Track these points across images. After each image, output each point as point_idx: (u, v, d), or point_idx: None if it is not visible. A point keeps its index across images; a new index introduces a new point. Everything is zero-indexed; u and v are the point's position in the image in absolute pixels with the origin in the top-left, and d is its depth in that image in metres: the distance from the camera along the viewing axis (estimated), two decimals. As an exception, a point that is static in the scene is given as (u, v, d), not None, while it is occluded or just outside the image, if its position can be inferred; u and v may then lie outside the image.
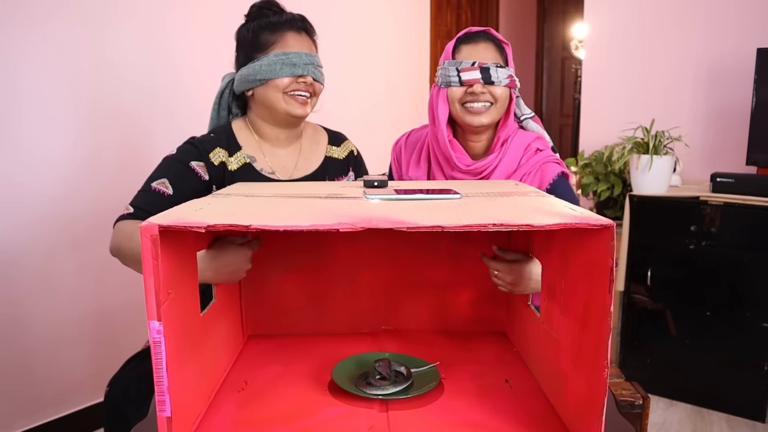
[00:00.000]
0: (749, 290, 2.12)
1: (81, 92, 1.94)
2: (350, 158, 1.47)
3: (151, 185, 1.23)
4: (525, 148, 1.34)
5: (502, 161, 1.33)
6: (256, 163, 1.33)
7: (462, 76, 1.28)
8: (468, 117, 1.30)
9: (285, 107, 1.28)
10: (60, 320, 1.94)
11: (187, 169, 1.26)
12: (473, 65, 1.28)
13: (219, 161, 1.28)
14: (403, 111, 3.52)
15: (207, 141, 1.30)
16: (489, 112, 1.30)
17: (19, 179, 1.82)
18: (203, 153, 1.28)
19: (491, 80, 1.27)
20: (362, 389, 0.91)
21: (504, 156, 1.33)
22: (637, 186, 2.35)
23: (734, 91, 2.55)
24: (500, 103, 1.30)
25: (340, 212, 0.76)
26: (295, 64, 1.26)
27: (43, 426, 1.92)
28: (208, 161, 1.27)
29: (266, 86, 1.27)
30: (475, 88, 1.27)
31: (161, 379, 0.70)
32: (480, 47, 1.30)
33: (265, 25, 1.29)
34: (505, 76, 1.28)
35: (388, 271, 1.21)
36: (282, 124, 1.34)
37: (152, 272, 0.68)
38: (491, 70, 1.27)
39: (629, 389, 1.24)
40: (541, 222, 0.69)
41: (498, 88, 1.28)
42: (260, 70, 1.26)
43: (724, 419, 2.17)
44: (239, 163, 1.31)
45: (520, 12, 5.44)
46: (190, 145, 1.29)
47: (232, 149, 1.31)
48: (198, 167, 1.26)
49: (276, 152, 1.36)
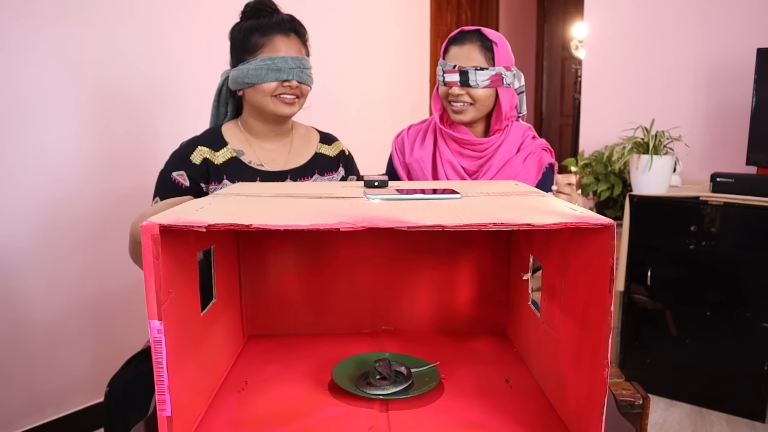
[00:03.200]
0: (749, 290, 2.12)
1: (85, 92, 1.94)
2: (341, 156, 1.50)
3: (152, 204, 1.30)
4: (523, 133, 1.49)
5: (505, 141, 1.46)
6: (243, 156, 1.36)
7: (445, 77, 1.41)
8: (452, 114, 1.44)
9: (273, 108, 1.33)
10: (60, 320, 1.94)
11: (170, 182, 1.31)
12: (454, 68, 1.39)
13: (201, 158, 1.32)
14: (402, 110, 3.52)
15: (189, 143, 1.35)
16: (468, 111, 1.42)
17: (19, 180, 1.82)
18: (183, 158, 1.32)
19: (469, 83, 1.38)
20: (362, 389, 0.91)
21: (506, 137, 1.46)
22: (637, 186, 2.35)
23: (734, 91, 2.55)
24: (480, 103, 1.41)
25: (340, 212, 0.76)
26: (281, 69, 1.30)
27: (43, 426, 1.92)
28: (189, 164, 1.31)
29: (254, 89, 1.32)
30: (453, 90, 1.40)
31: (161, 379, 0.70)
32: (465, 49, 1.39)
33: (255, 28, 1.32)
34: (485, 78, 1.38)
35: (388, 270, 1.21)
36: (271, 122, 1.38)
37: (153, 271, 0.68)
38: (469, 74, 1.37)
39: (629, 389, 1.24)
40: (541, 221, 0.70)
41: (477, 90, 1.39)
42: (248, 74, 1.30)
43: (724, 419, 2.17)
44: (225, 157, 1.34)
45: (520, 12, 5.44)
46: (174, 153, 1.34)
47: (217, 146, 1.35)
48: (178, 176, 1.31)
49: (265, 146, 1.40)
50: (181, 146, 1.35)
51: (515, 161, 1.46)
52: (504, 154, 1.45)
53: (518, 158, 1.46)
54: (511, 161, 1.46)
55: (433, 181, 1.32)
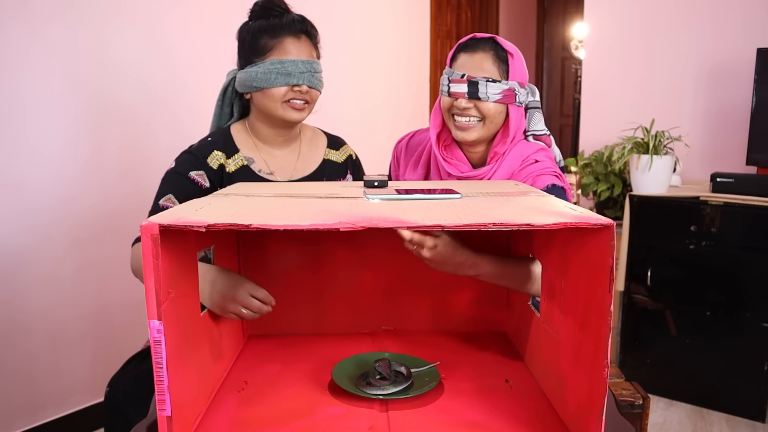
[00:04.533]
0: (749, 290, 2.12)
1: (82, 93, 1.94)
2: (348, 162, 1.46)
3: (159, 203, 1.23)
4: (523, 160, 1.27)
5: (497, 172, 1.27)
6: (254, 164, 1.32)
7: (450, 87, 1.23)
8: (454, 131, 1.26)
9: (282, 114, 1.28)
10: (60, 320, 1.94)
11: (188, 180, 1.25)
12: (462, 77, 1.21)
13: (217, 164, 1.28)
14: (403, 111, 3.52)
15: (204, 146, 1.30)
16: (476, 129, 1.24)
17: (19, 180, 1.82)
18: (201, 160, 1.27)
19: (478, 95, 1.20)
20: (362, 389, 0.91)
21: (499, 167, 1.27)
22: (637, 186, 2.35)
23: (734, 90, 2.55)
24: (489, 120, 1.23)
25: (340, 212, 0.76)
26: (290, 73, 1.24)
27: (43, 426, 1.92)
28: (207, 167, 1.27)
29: (263, 93, 1.26)
30: (459, 102, 1.22)
31: (161, 379, 0.70)
32: (476, 57, 1.22)
33: (264, 28, 1.27)
34: (497, 92, 1.20)
35: (388, 271, 1.21)
36: (279, 127, 1.33)
37: (153, 272, 0.68)
38: (479, 85, 1.20)
39: (629, 389, 1.24)
40: (541, 221, 0.70)
41: (486, 104, 1.21)
42: (256, 78, 1.25)
43: (724, 419, 2.17)
44: (237, 165, 1.30)
45: (520, 12, 5.44)
46: (188, 154, 1.29)
47: (230, 151, 1.31)
48: (197, 176, 1.26)
49: (274, 153, 1.36)
50: (193, 148, 1.30)
51: None
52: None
53: None
54: None
55: (433, 181, 1.31)
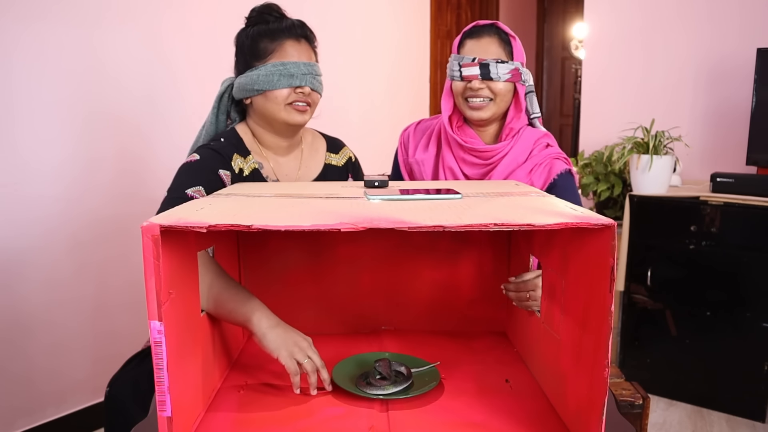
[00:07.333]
0: (749, 290, 2.12)
1: (79, 95, 1.93)
2: (349, 165, 1.46)
3: (187, 192, 1.16)
4: (535, 141, 1.38)
5: (513, 149, 1.37)
6: (263, 170, 1.31)
7: (462, 71, 1.33)
8: (468, 111, 1.36)
9: (284, 117, 1.26)
10: (60, 321, 1.94)
11: (217, 178, 1.22)
12: (473, 61, 1.32)
13: (238, 168, 1.26)
14: (403, 111, 3.52)
15: (226, 147, 1.26)
16: (488, 108, 1.35)
17: (18, 182, 1.81)
18: (226, 160, 1.24)
19: (490, 76, 1.31)
20: (362, 389, 0.91)
21: (515, 144, 1.37)
22: (637, 186, 2.35)
23: (734, 90, 2.55)
24: (500, 98, 1.34)
25: (341, 212, 0.76)
26: (293, 75, 1.23)
27: (43, 426, 1.92)
28: (231, 169, 1.25)
29: (264, 97, 1.25)
30: (473, 84, 1.32)
31: (162, 379, 0.70)
32: (483, 42, 1.34)
33: (264, 32, 1.26)
34: (506, 71, 1.31)
35: (389, 271, 1.21)
36: (281, 133, 1.31)
37: (153, 272, 0.68)
38: (491, 66, 1.31)
39: (629, 389, 1.24)
40: (541, 222, 0.70)
41: (498, 84, 1.32)
42: (258, 81, 1.23)
43: (724, 419, 2.17)
44: (250, 168, 1.28)
45: (520, 12, 5.44)
46: (212, 151, 1.25)
47: (244, 154, 1.28)
48: (225, 176, 1.23)
49: (278, 160, 1.35)
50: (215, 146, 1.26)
51: (519, 173, 1.36)
52: (509, 164, 1.36)
53: (523, 169, 1.36)
54: (516, 172, 1.37)
55: (434, 181, 1.31)
